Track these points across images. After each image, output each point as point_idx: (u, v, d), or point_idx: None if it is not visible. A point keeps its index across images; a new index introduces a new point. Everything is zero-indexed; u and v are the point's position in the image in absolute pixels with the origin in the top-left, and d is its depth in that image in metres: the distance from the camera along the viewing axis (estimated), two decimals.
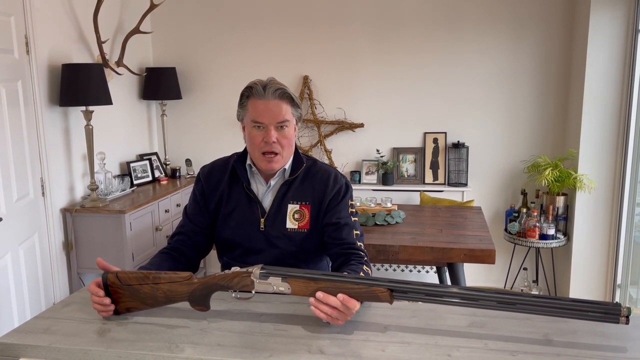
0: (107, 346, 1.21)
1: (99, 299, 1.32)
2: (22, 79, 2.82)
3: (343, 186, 1.71)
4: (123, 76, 3.70)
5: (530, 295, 1.18)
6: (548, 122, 3.84)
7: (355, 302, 1.23)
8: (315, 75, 4.05)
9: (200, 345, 1.21)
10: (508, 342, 1.21)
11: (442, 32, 3.85)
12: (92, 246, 3.17)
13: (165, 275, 1.33)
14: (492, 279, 4.02)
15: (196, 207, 1.74)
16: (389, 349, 1.19)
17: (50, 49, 3.05)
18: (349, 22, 3.95)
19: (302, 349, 1.19)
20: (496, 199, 3.98)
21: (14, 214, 2.71)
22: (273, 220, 1.68)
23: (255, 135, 1.62)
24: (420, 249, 2.67)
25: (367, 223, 2.99)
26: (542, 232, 3.51)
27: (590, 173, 3.43)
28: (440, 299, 1.21)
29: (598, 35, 3.30)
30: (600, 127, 3.39)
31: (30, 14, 2.84)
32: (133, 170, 3.79)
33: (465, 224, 3.07)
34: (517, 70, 3.82)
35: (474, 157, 3.93)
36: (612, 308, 1.13)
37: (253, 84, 1.61)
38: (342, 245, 1.65)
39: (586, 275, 3.54)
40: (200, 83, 4.21)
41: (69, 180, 3.24)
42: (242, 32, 4.09)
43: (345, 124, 4.03)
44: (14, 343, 1.24)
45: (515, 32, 3.77)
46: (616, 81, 3.32)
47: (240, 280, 1.29)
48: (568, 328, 1.28)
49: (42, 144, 2.97)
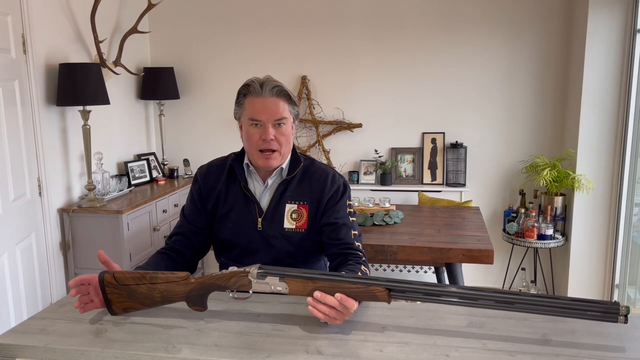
0: (103, 346, 1.20)
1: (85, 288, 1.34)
2: (19, 78, 2.81)
3: (341, 186, 1.71)
4: (121, 76, 3.69)
5: (529, 294, 1.18)
6: (546, 123, 3.84)
7: (353, 301, 1.23)
8: (313, 75, 4.04)
9: (197, 346, 1.20)
10: (507, 342, 1.21)
11: (440, 33, 3.85)
12: (89, 246, 3.16)
13: (163, 275, 1.32)
14: (490, 279, 4.02)
15: (194, 208, 1.73)
16: (387, 349, 1.19)
17: (48, 48, 3.04)
18: (347, 22, 3.95)
19: (300, 349, 1.19)
20: (494, 199, 3.98)
21: (10, 213, 2.70)
22: (271, 220, 1.67)
23: (252, 133, 1.61)
24: (419, 249, 2.67)
25: (365, 223, 2.99)
26: (540, 233, 3.51)
27: (588, 173, 3.43)
28: (438, 298, 1.21)
29: (596, 36, 3.30)
30: (599, 127, 3.39)
31: (27, 13, 2.83)
32: (131, 170, 3.78)
33: (463, 224, 3.07)
34: (515, 71, 3.82)
35: (472, 157, 3.93)
36: (611, 307, 1.13)
37: (250, 81, 1.61)
38: (340, 246, 1.64)
39: (584, 276, 3.54)
40: (198, 83, 4.21)
41: (66, 180, 3.23)
42: (240, 32, 4.09)
43: (343, 124, 4.02)
44: (10, 343, 1.23)
45: (514, 32, 3.77)
46: (614, 81, 3.32)
47: (238, 280, 1.29)
48: (567, 328, 1.27)
49: (39, 143, 2.96)
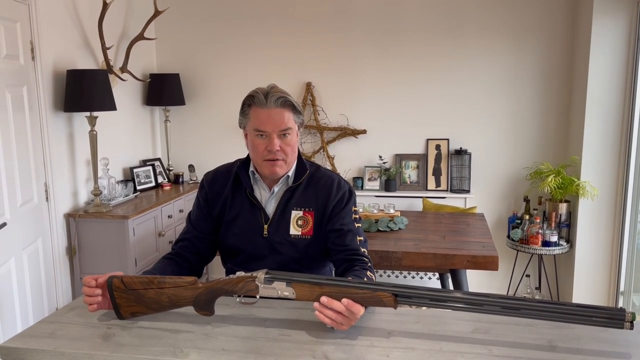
0: (111, 350, 1.21)
1: (90, 290, 1.36)
2: (27, 84, 2.83)
3: (346, 192, 1.71)
4: (127, 82, 3.72)
5: (535, 300, 1.18)
6: (550, 129, 3.84)
7: (359, 307, 1.23)
8: (318, 82, 4.06)
9: (204, 350, 1.21)
10: (512, 348, 1.21)
11: (444, 39, 3.86)
12: (95, 251, 3.18)
13: (170, 280, 1.34)
14: (494, 285, 4.02)
15: (199, 214, 1.74)
16: (393, 354, 1.20)
17: (55, 55, 3.07)
18: (351, 29, 3.97)
19: (307, 354, 1.19)
20: (499, 206, 3.98)
21: (18, 218, 2.72)
22: (276, 226, 1.68)
23: (258, 143, 1.62)
24: (423, 256, 2.67)
25: (369, 229, 2.99)
26: (545, 239, 3.50)
27: (593, 180, 3.42)
28: (444, 304, 1.21)
29: (600, 42, 3.30)
30: (603, 133, 3.39)
31: (35, 20, 2.87)
32: (136, 176, 3.80)
33: (467, 230, 3.07)
34: (519, 77, 3.82)
35: (476, 163, 3.93)
36: (617, 313, 1.14)
37: (254, 92, 1.61)
38: (346, 252, 1.65)
39: (589, 283, 3.53)
40: (204, 89, 4.23)
41: (72, 185, 3.25)
42: (246, 39, 4.11)
43: (347, 130, 4.03)
44: (19, 347, 1.24)
45: (518, 38, 3.78)
46: (619, 87, 3.32)
47: (245, 285, 1.29)
48: (572, 334, 1.28)
49: (46, 149, 2.98)
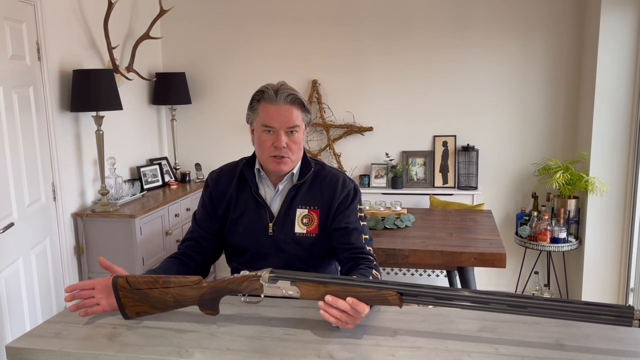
0: (117, 350, 1.21)
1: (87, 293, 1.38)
2: (33, 84, 2.85)
3: (351, 190, 1.71)
4: (133, 81, 3.73)
5: (542, 298, 1.17)
6: (559, 125, 3.81)
7: (364, 305, 1.23)
8: (324, 79, 4.05)
9: (209, 350, 1.21)
10: (519, 347, 1.20)
11: (451, 35, 3.84)
12: (103, 250, 3.19)
13: (175, 280, 1.33)
14: (502, 283, 3.99)
15: (205, 213, 1.74)
16: (399, 353, 1.19)
17: (61, 55, 3.08)
18: (357, 26, 3.95)
19: (312, 353, 1.19)
20: (506, 202, 3.95)
21: (25, 218, 2.73)
22: (281, 225, 1.67)
23: (265, 139, 1.62)
24: (430, 253, 2.66)
25: (376, 227, 2.98)
26: (554, 236, 3.48)
27: (602, 176, 3.39)
28: (450, 302, 1.20)
29: (609, 37, 3.27)
30: (612, 129, 3.35)
31: (41, 20, 2.88)
32: (143, 175, 3.81)
33: (475, 227, 3.05)
34: (527, 73, 3.79)
35: (483, 160, 3.91)
36: (625, 311, 1.12)
37: (265, 87, 1.61)
38: (351, 250, 1.64)
39: (598, 280, 3.50)
40: (210, 88, 4.23)
41: (79, 185, 3.26)
42: (251, 37, 4.11)
43: (354, 128, 4.02)
44: (25, 347, 1.25)
45: (525, 34, 3.75)
46: (627, 83, 3.28)
47: (249, 284, 1.29)
48: (580, 333, 1.26)
49: (53, 149, 2.99)
